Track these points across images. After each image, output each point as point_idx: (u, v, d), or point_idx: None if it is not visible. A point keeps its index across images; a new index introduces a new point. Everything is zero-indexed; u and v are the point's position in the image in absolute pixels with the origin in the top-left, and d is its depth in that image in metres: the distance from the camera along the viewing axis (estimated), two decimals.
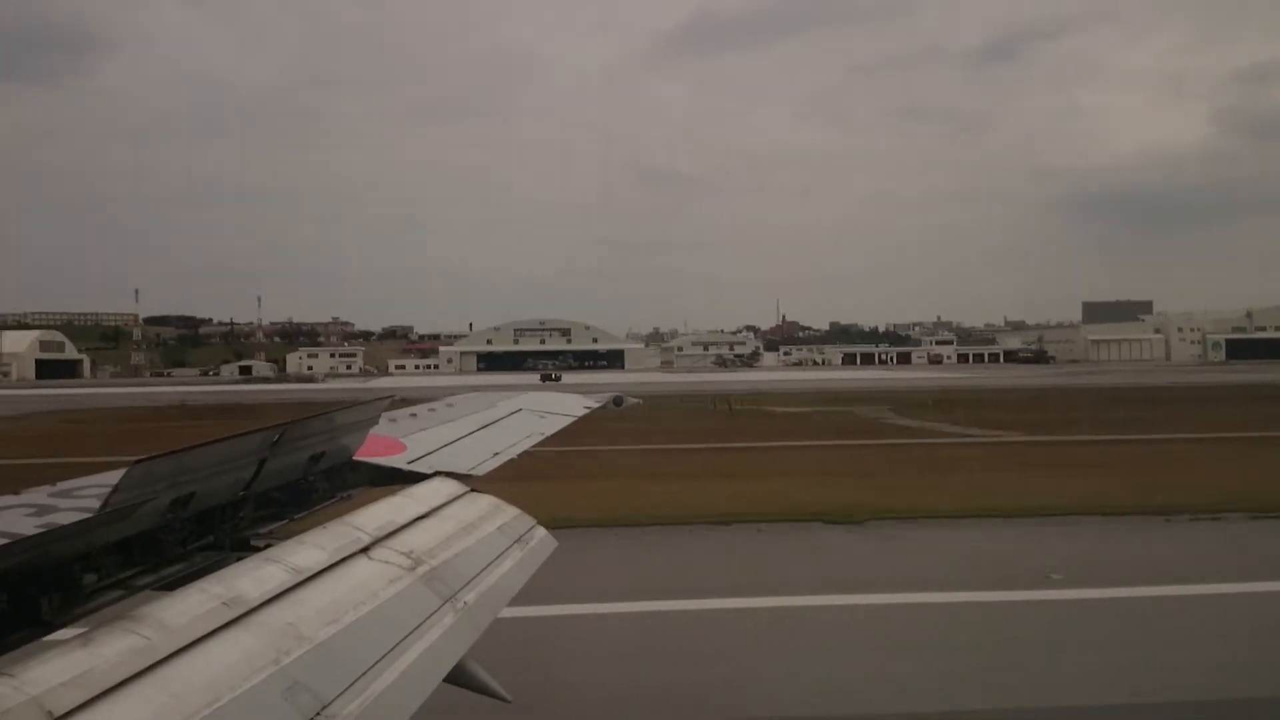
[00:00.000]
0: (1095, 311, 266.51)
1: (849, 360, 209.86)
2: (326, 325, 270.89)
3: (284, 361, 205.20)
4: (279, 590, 2.98)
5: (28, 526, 3.15)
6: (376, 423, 4.99)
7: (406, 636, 3.15)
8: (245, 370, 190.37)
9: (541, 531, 4.81)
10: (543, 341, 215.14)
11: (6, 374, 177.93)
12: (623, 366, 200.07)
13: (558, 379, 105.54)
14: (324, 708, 2.56)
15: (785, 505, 20.74)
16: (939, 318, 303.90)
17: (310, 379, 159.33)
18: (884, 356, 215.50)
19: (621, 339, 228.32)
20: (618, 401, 9.86)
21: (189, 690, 2.33)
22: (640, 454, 32.38)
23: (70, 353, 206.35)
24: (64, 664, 2.22)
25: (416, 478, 4.93)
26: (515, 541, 4.54)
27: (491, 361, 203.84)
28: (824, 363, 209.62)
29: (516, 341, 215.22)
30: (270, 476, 3.88)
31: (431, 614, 3.39)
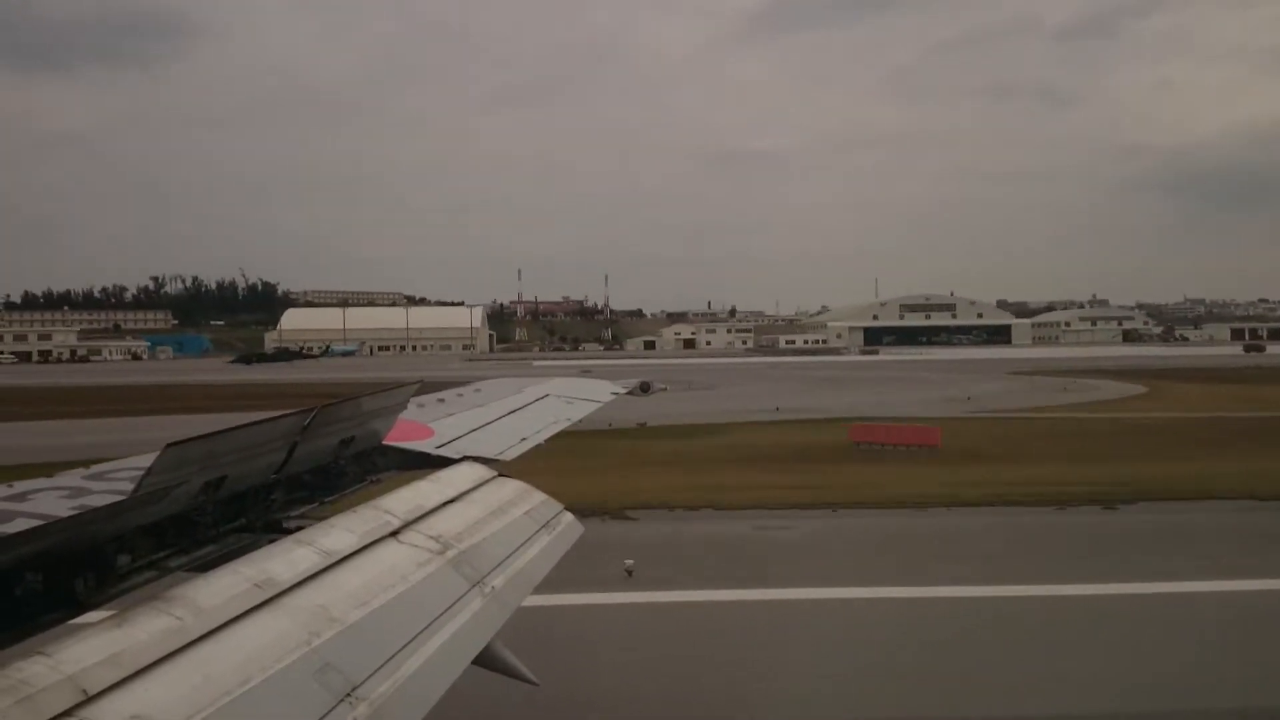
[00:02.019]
0: None
1: (1237, 336, 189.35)
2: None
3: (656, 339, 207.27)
4: (310, 572, 2.99)
5: (62, 509, 3.19)
6: (405, 408, 5.01)
7: (435, 619, 3.16)
8: (650, 345, 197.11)
9: (569, 517, 4.81)
10: (927, 317, 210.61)
11: (471, 346, 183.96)
12: (1009, 342, 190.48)
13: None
14: (354, 689, 2.58)
15: None
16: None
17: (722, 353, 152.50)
18: (1259, 334, 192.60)
19: (1004, 315, 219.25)
20: (645, 387, 9.81)
21: (221, 670, 2.34)
22: None
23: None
24: (98, 643, 2.24)
25: (444, 462, 4.94)
26: (542, 526, 4.54)
27: (880, 337, 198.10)
28: (1210, 340, 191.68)
29: (902, 318, 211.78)
30: (301, 460, 3.91)
31: (460, 597, 3.40)
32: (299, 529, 3.62)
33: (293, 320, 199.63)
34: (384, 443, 4.84)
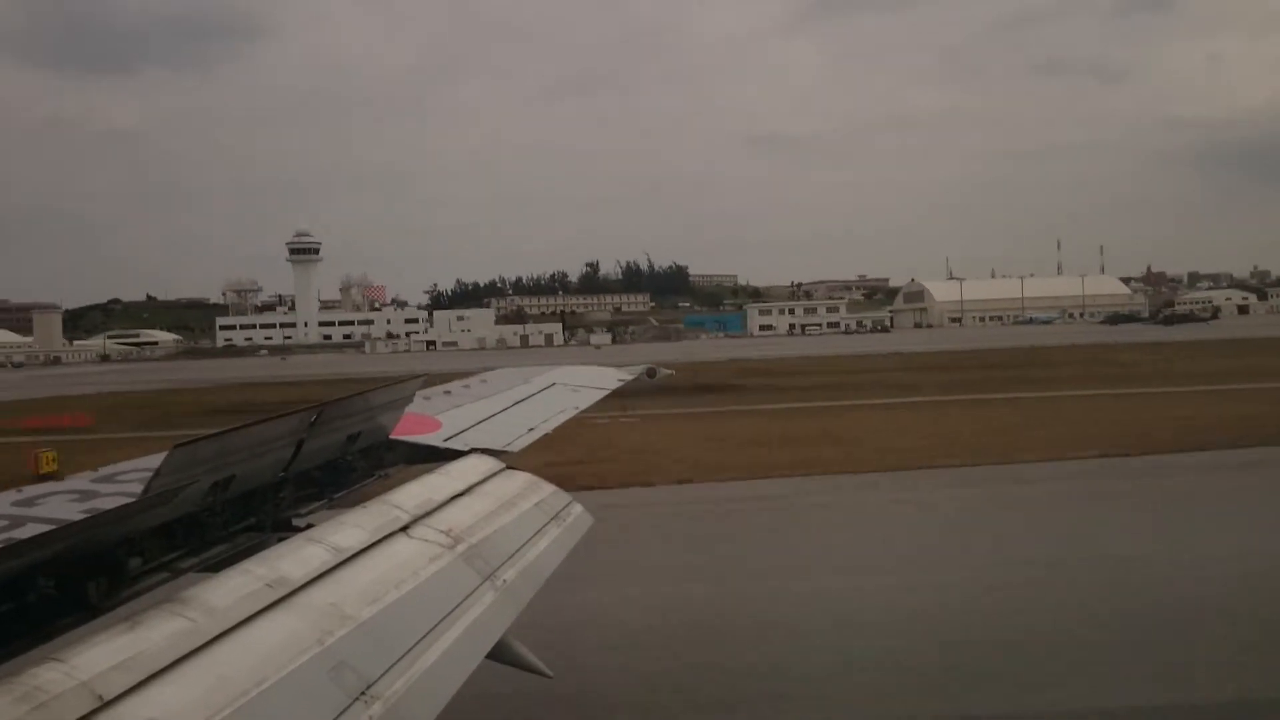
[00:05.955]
0: None
1: None
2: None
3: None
4: (321, 570, 2.99)
5: (72, 512, 3.19)
6: (411, 401, 5.00)
7: (448, 614, 3.16)
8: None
9: (578, 508, 4.80)
10: None
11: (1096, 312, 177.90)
12: None
13: None
14: (369, 686, 2.58)
15: None
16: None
17: None
18: None
19: None
20: (651, 373, 9.79)
21: (236, 672, 2.34)
22: None
23: None
24: (112, 648, 2.24)
25: (453, 455, 4.93)
26: (552, 518, 4.53)
27: None
28: None
29: None
30: (309, 457, 3.91)
31: (472, 592, 3.40)
32: (309, 527, 3.63)
33: (970, 291, 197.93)
34: (391, 437, 4.83)
